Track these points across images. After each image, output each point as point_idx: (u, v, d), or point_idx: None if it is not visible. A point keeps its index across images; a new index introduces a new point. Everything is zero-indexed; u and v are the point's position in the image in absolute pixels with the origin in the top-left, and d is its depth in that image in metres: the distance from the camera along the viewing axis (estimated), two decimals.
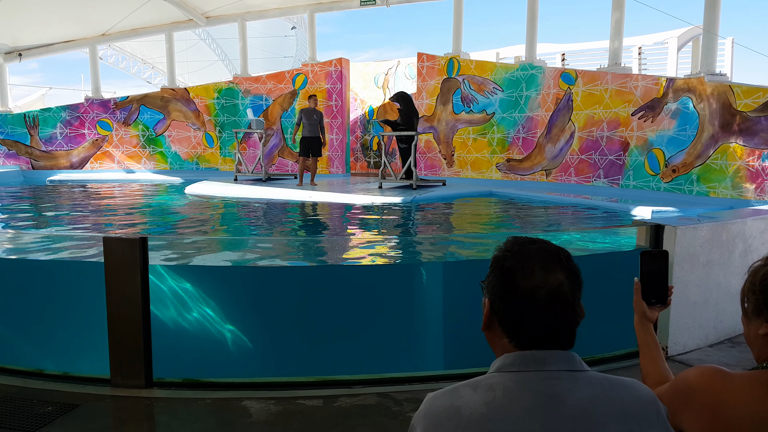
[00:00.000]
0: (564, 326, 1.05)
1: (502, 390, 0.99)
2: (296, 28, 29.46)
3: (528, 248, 1.08)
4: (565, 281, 1.04)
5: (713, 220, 3.74)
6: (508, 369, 1.03)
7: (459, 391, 1.02)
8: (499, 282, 1.07)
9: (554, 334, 1.04)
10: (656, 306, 1.41)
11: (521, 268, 1.05)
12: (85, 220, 8.16)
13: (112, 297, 2.93)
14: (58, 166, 14.03)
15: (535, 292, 1.03)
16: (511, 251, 1.08)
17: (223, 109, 13.94)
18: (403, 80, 13.90)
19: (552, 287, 1.03)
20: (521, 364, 1.03)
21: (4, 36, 13.49)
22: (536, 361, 1.02)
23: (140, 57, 27.80)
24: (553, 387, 0.99)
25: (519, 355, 1.04)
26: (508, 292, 1.05)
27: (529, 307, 1.03)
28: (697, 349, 3.54)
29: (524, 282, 1.04)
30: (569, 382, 1.00)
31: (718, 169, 8.59)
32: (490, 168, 11.62)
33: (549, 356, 1.03)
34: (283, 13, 14.57)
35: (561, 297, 1.03)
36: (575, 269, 1.07)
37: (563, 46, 16.00)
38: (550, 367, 1.02)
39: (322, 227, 8.25)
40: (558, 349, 1.04)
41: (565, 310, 1.04)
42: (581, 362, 1.05)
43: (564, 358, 1.03)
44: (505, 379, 1.01)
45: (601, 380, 1.03)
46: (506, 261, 1.07)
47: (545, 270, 1.04)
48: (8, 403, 2.74)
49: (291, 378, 3.09)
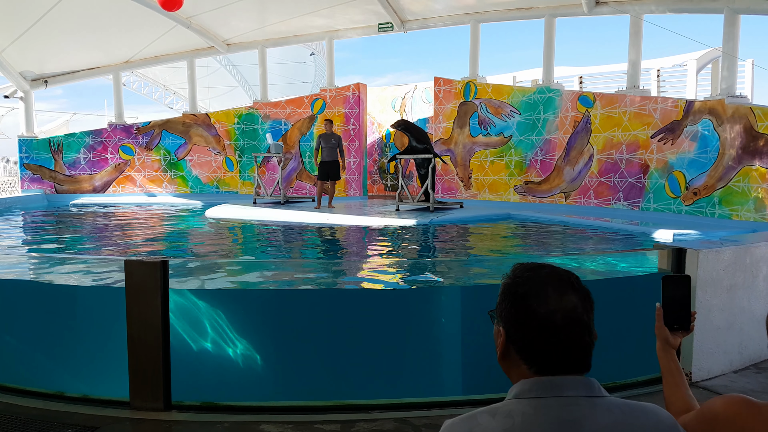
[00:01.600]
0: (583, 348, 1.04)
1: (521, 417, 0.99)
2: (314, 54, 30.02)
3: (538, 273, 1.08)
4: (578, 303, 1.04)
5: (736, 244, 3.67)
6: (526, 395, 1.02)
7: (477, 418, 1.01)
8: (514, 309, 1.06)
9: (573, 356, 1.03)
10: (678, 332, 1.39)
11: (535, 293, 1.05)
12: (107, 243, 8.29)
13: (132, 320, 2.96)
14: (81, 190, 14.32)
15: (552, 316, 1.03)
16: (522, 277, 1.08)
17: (243, 134, 14.16)
18: (420, 104, 14.02)
19: (567, 309, 1.03)
20: (539, 390, 1.02)
21: (31, 63, 13.94)
22: (554, 387, 1.02)
23: (162, 83, 28.48)
24: (572, 413, 0.99)
25: (536, 381, 1.03)
26: (525, 318, 1.04)
27: (548, 332, 1.03)
28: (722, 375, 3.45)
29: (540, 307, 1.03)
30: (588, 408, 0.99)
31: (740, 191, 8.46)
32: (508, 190, 11.59)
33: (567, 382, 1.02)
34: (302, 40, 14.85)
35: (577, 318, 1.04)
36: (585, 290, 1.08)
37: (580, 69, 16.02)
38: (568, 393, 1.01)
39: (340, 250, 8.27)
40: (576, 373, 1.03)
41: (583, 332, 1.04)
42: (599, 387, 1.04)
43: (582, 383, 1.03)
44: (523, 406, 1.01)
45: (620, 406, 1.01)
46: (519, 287, 1.07)
47: (558, 293, 1.04)
48: (30, 424, 2.77)
49: (308, 402, 3.07)
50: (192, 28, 13.10)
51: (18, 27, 12.21)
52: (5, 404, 3.00)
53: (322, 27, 13.53)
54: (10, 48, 12.93)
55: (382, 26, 12.93)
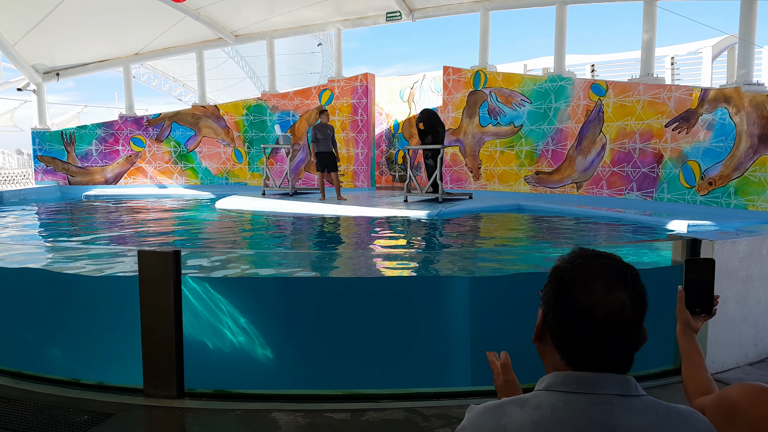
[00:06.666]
0: (621, 350, 0.98)
1: (550, 409, 0.95)
2: (322, 45, 29.94)
3: (591, 263, 1.01)
4: (627, 302, 0.97)
5: (752, 234, 3.62)
6: (557, 388, 0.98)
7: (504, 409, 0.98)
8: (556, 294, 1.01)
9: (609, 357, 0.98)
10: (701, 315, 1.37)
11: (581, 283, 0.98)
12: (120, 234, 8.36)
13: (146, 309, 2.98)
14: (94, 181, 14.45)
15: (593, 311, 0.96)
16: (573, 264, 1.02)
17: (251, 126, 14.18)
18: (429, 94, 13.94)
19: (612, 308, 0.96)
20: (572, 385, 0.97)
21: (43, 56, 14.03)
22: (588, 383, 0.97)
23: (171, 75, 28.57)
24: (604, 413, 0.94)
25: (570, 375, 0.98)
26: (564, 306, 0.99)
27: (585, 326, 0.97)
28: (737, 368, 3.42)
29: (582, 298, 0.97)
30: (622, 409, 0.95)
31: (756, 181, 8.35)
32: (518, 181, 11.52)
33: (602, 379, 0.97)
34: (310, 30, 14.80)
35: (621, 320, 0.96)
36: (641, 291, 1.00)
37: (593, 57, 15.85)
38: (602, 391, 0.96)
39: (348, 240, 8.28)
40: (612, 372, 0.98)
41: (624, 334, 0.97)
42: (636, 386, 0.99)
43: (618, 382, 0.97)
44: (554, 399, 0.96)
45: (656, 408, 0.96)
46: (566, 273, 1.01)
47: (607, 288, 0.97)
48: (47, 411, 2.81)
49: (319, 391, 3.09)
50: (200, 20, 13.10)
51: (30, 20, 12.28)
52: (23, 391, 3.05)
53: (329, 17, 13.47)
54: (23, 41, 13.01)
55: (391, 15, 12.85)
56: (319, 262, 5.90)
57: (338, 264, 5.78)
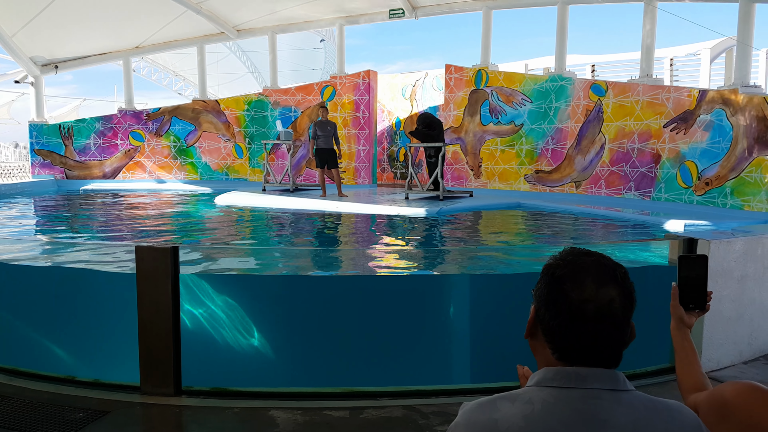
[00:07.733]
0: (610, 345, 1.01)
1: (541, 404, 0.97)
2: (325, 41, 29.86)
3: (582, 259, 1.05)
4: (616, 298, 1.00)
5: (748, 235, 3.64)
6: (548, 384, 1.00)
7: (497, 404, 1.00)
8: (548, 290, 1.04)
9: (599, 351, 1.01)
10: (694, 311, 1.38)
11: (572, 278, 1.02)
12: (118, 229, 8.35)
13: (143, 305, 2.98)
14: (92, 175, 14.40)
15: (583, 306, 1.00)
16: (564, 260, 1.05)
17: (252, 121, 14.15)
18: (431, 92, 13.93)
19: (602, 302, 1.00)
20: (561, 380, 1.00)
21: (42, 49, 13.97)
22: (578, 378, 0.99)
23: (172, 69, 28.47)
24: (594, 407, 0.96)
25: (560, 371, 1.01)
26: (556, 301, 1.02)
27: (575, 320, 1.00)
28: (731, 366, 3.44)
29: (573, 293, 1.01)
30: (611, 403, 0.97)
31: (752, 182, 8.36)
32: (518, 179, 11.53)
33: (591, 374, 1.00)
34: (313, 26, 14.77)
35: (610, 314, 1.00)
36: (630, 287, 1.03)
37: (593, 57, 15.85)
38: (591, 385, 0.99)
39: (349, 237, 8.28)
40: (603, 367, 1.01)
41: (613, 329, 1.00)
42: (625, 381, 1.01)
43: (607, 376, 1.00)
44: (545, 394, 0.99)
45: (644, 402, 0.99)
46: (558, 269, 1.04)
47: (597, 284, 1.01)
48: (41, 408, 2.80)
49: (317, 389, 3.10)
50: (202, 14, 13.06)
51: (28, 12, 12.23)
52: (17, 388, 3.04)
53: (332, 13, 13.44)
54: (21, 33, 12.95)
55: (393, 12, 12.82)
56: (319, 260, 5.90)
57: (338, 261, 5.78)
